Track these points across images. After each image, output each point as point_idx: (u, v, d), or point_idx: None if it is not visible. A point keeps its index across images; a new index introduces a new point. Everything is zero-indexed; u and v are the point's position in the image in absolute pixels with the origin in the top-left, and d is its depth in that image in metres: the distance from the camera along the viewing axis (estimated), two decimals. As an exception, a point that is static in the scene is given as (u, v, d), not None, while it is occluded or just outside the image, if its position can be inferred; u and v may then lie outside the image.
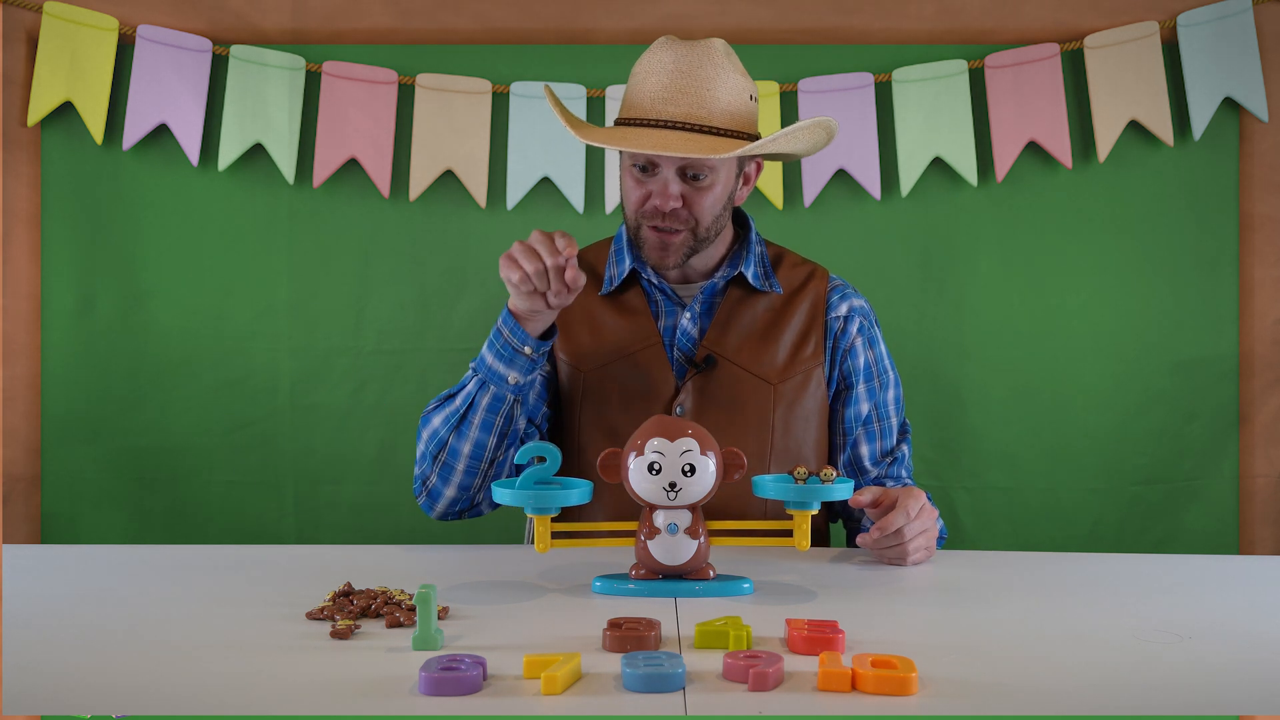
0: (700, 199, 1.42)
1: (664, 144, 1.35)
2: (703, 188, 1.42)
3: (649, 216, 1.44)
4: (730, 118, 1.39)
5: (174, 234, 2.08)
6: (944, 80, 2.05)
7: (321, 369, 2.10)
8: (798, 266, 1.57)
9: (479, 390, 1.38)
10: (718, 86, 1.38)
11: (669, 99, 1.38)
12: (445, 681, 0.85)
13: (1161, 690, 0.88)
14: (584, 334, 1.51)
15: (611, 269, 1.54)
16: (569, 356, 1.51)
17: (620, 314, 1.51)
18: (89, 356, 2.08)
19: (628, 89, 1.44)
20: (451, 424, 1.40)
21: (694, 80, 1.38)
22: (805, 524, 1.16)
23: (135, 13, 2.03)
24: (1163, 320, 2.08)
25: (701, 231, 1.45)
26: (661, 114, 1.38)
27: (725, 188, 1.45)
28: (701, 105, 1.37)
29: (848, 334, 1.53)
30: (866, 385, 1.53)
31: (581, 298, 1.52)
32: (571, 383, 1.50)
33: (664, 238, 1.44)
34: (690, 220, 1.43)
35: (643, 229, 1.46)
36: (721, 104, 1.38)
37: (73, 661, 0.94)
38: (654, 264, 1.48)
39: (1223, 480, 2.09)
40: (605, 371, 1.48)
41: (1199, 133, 2.03)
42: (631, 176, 1.44)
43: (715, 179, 1.42)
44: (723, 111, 1.38)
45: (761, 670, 0.86)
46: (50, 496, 2.08)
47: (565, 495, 1.16)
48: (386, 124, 2.05)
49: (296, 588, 1.17)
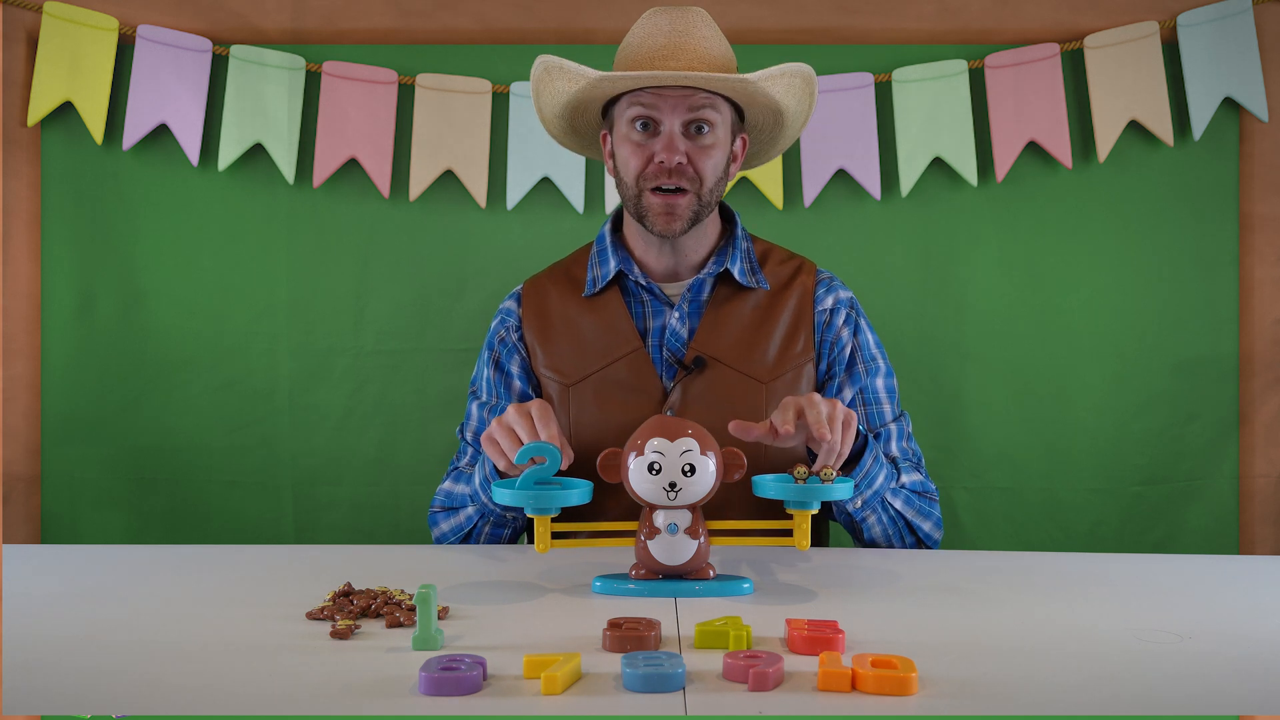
0: (703, 157, 1.43)
1: (675, 78, 1.38)
2: (705, 144, 1.43)
3: (652, 178, 1.43)
4: (726, 70, 1.43)
5: (174, 234, 2.08)
6: (944, 80, 2.05)
7: (321, 369, 2.10)
8: (784, 262, 1.56)
9: (480, 519, 1.46)
10: (712, 45, 1.43)
11: (669, 55, 1.41)
12: (445, 681, 0.85)
13: (1161, 690, 0.88)
14: (565, 345, 1.51)
15: (594, 270, 1.53)
16: (553, 371, 1.51)
17: (601, 319, 1.51)
18: (89, 356, 2.08)
19: (621, 55, 1.46)
20: (458, 536, 1.49)
21: (690, 38, 1.42)
22: (805, 524, 1.16)
23: (135, 13, 2.03)
24: (1163, 320, 2.08)
25: (705, 194, 1.45)
26: (662, 68, 1.40)
27: (723, 151, 1.46)
28: (700, 59, 1.41)
29: (834, 326, 1.52)
30: (850, 373, 1.51)
31: (561, 306, 1.53)
32: (559, 395, 1.50)
33: (669, 200, 1.43)
34: (695, 179, 1.43)
35: (644, 196, 1.44)
36: (718, 62, 1.42)
37: (73, 661, 0.94)
38: (660, 231, 1.45)
39: (1223, 480, 2.09)
40: (590, 380, 1.48)
41: (1199, 133, 2.03)
42: (630, 142, 1.44)
43: (716, 139, 1.44)
44: (720, 65, 1.43)
45: (761, 670, 0.86)
46: (50, 496, 2.08)
47: (565, 495, 1.16)
48: (386, 124, 2.05)
49: (296, 588, 1.17)
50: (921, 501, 1.47)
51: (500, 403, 1.53)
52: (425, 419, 2.10)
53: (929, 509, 1.48)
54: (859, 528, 1.45)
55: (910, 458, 1.52)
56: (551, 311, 1.53)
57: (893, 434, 1.51)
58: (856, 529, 1.45)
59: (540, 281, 1.58)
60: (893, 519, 1.44)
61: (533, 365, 1.53)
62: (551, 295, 1.55)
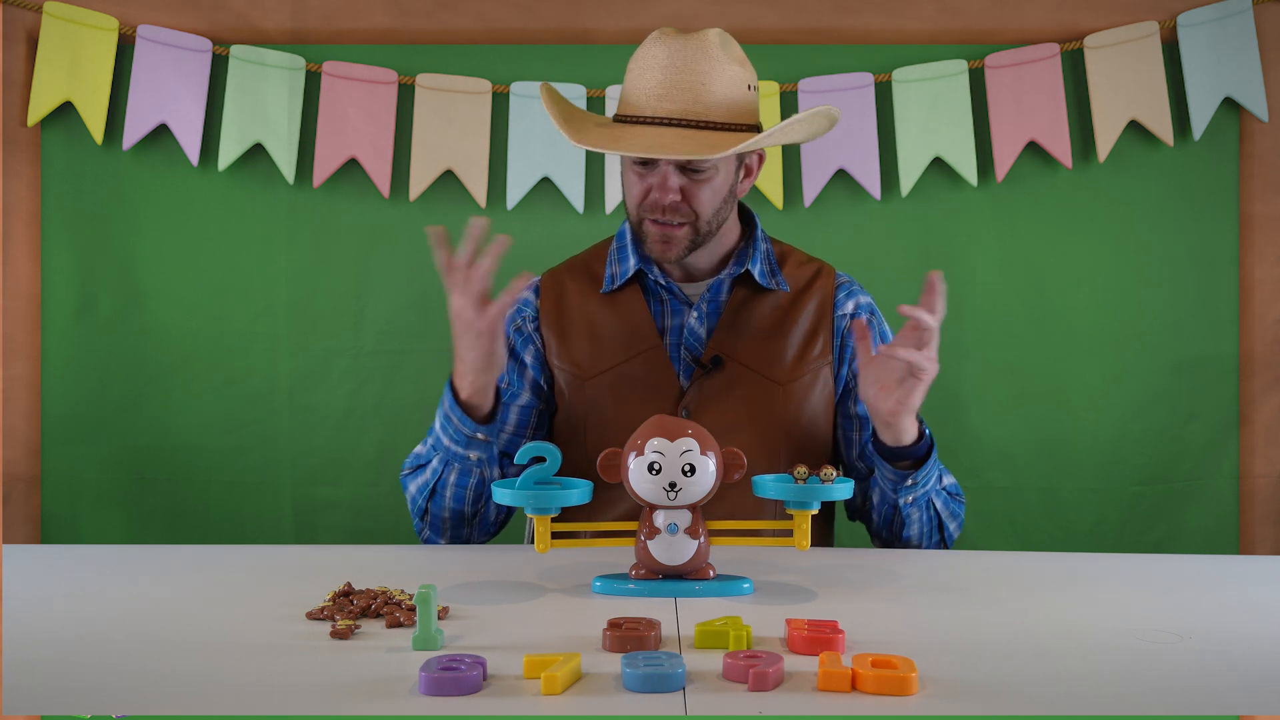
0: (699, 192, 1.42)
1: (660, 144, 1.35)
2: (701, 180, 1.42)
3: (650, 210, 1.44)
4: (728, 110, 1.38)
5: (174, 234, 2.08)
6: (944, 80, 2.05)
7: (320, 369, 2.10)
8: (804, 265, 1.56)
9: (444, 467, 1.42)
10: (714, 80, 1.38)
11: (664, 95, 1.37)
12: (445, 681, 0.85)
13: (1161, 690, 0.88)
14: (583, 340, 1.51)
15: (613, 267, 1.53)
16: (570, 365, 1.50)
17: (620, 316, 1.51)
18: (89, 356, 2.08)
19: (624, 85, 1.44)
20: (426, 494, 1.44)
21: (689, 75, 1.37)
22: (805, 524, 1.16)
23: (135, 13, 2.03)
24: (1163, 320, 2.08)
25: (702, 225, 1.44)
26: (658, 111, 1.38)
27: (726, 180, 1.44)
28: (697, 100, 1.37)
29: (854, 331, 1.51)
30: None
31: (580, 301, 1.52)
32: (575, 391, 1.49)
33: (666, 230, 1.44)
34: (690, 214, 1.43)
35: (645, 224, 1.45)
36: (718, 97, 1.38)
37: (73, 661, 0.94)
38: (656, 258, 1.47)
39: (1223, 480, 2.09)
40: (607, 377, 1.48)
41: (1199, 133, 2.03)
42: (633, 172, 1.45)
43: (715, 172, 1.42)
44: (720, 104, 1.38)
45: (761, 670, 0.86)
46: (50, 496, 2.08)
47: (565, 495, 1.16)
48: (386, 124, 2.05)
49: (296, 588, 1.16)
50: (953, 503, 1.47)
51: (512, 388, 1.53)
52: (425, 419, 2.06)
53: (957, 509, 1.48)
54: (902, 523, 1.44)
55: None
56: (570, 306, 1.53)
57: None
58: (898, 525, 1.44)
59: (559, 275, 1.57)
60: (931, 518, 1.45)
61: (547, 356, 1.52)
62: (570, 289, 1.54)
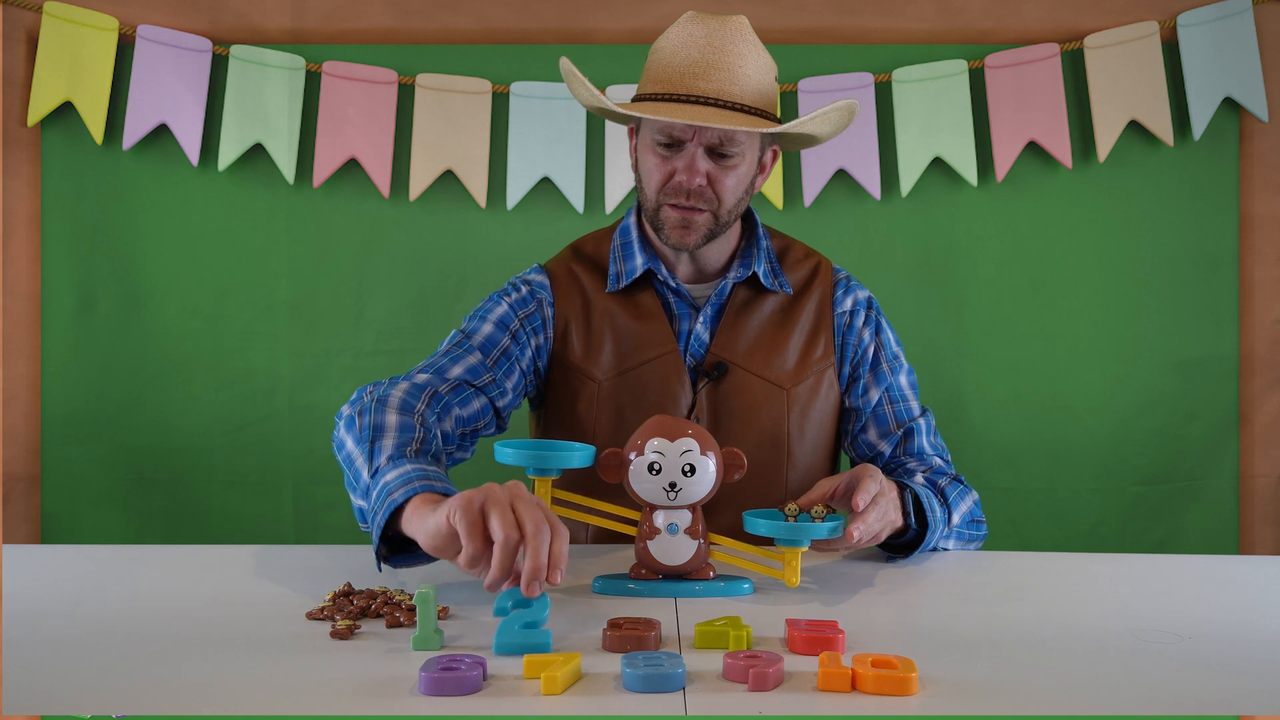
0: (725, 178, 1.39)
1: (701, 117, 1.32)
2: (729, 166, 1.39)
3: (671, 194, 1.40)
4: (759, 96, 1.37)
5: (174, 234, 2.08)
6: (944, 80, 2.05)
7: (321, 369, 2.10)
8: (802, 262, 1.53)
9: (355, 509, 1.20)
10: (749, 63, 1.37)
11: (700, 74, 1.35)
12: (445, 682, 0.85)
13: (1161, 690, 0.88)
14: (600, 339, 1.47)
15: (617, 265, 1.49)
16: (584, 364, 1.46)
17: (635, 317, 1.47)
18: (89, 356, 2.08)
19: (652, 63, 1.40)
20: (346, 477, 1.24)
21: (726, 55, 1.36)
22: (795, 561, 1.15)
23: (135, 13, 2.03)
24: (1163, 320, 2.09)
25: (723, 213, 1.41)
26: (693, 89, 1.35)
27: (749, 170, 1.42)
28: (734, 81, 1.35)
29: (854, 328, 1.50)
30: (875, 373, 1.50)
31: (595, 297, 1.48)
32: (587, 391, 1.46)
33: (686, 215, 1.40)
34: (714, 200, 1.40)
35: (663, 209, 1.42)
36: (753, 81, 1.37)
37: (73, 661, 0.94)
38: (674, 244, 1.43)
39: (1223, 480, 2.09)
40: (623, 380, 1.45)
41: (1199, 133, 2.03)
42: (655, 154, 1.40)
43: (741, 159, 1.40)
44: (753, 89, 1.37)
45: (761, 670, 0.86)
46: (50, 496, 2.08)
47: (567, 457, 1.16)
48: (386, 124, 2.05)
49: (296, 588, 1.16)
50: (971, 529, 1.44)
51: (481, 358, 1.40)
52: (425, 419, 2.09)
53: (975, 532, 1.45)
54: None
55: (940, 453, 1.51)
56: (586, 302, 1.49)
57: (921, 429, 1.50)
58: None
59: (570, 267, 1.52)
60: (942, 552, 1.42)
61: (554, 350, 1.48)
62: (585, 284, 1.50)
